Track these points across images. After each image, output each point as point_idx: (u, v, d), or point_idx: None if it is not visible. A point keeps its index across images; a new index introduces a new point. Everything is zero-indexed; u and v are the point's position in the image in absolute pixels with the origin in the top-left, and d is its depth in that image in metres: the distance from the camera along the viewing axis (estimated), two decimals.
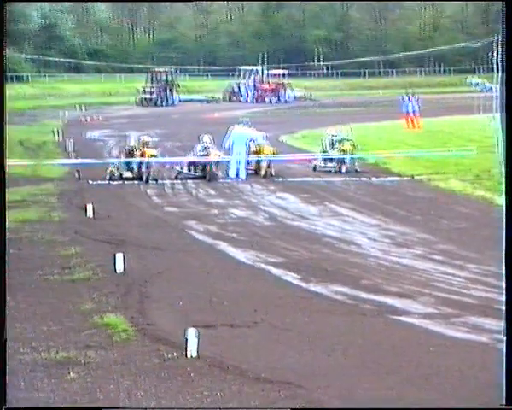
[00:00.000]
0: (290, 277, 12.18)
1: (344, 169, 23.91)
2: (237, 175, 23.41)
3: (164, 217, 17.69)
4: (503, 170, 6.46)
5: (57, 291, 11.27)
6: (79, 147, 30.20)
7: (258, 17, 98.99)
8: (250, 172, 23.84)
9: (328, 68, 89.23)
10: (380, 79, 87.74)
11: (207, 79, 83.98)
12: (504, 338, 6.72)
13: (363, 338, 9.27)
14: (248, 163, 24.00)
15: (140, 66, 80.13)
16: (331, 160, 24.42)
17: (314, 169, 24.53)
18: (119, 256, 12.33)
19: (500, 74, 6.85)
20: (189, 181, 22.83)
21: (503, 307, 6.71)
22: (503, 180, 6.50)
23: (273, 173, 23.63)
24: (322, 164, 24.68)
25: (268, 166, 23.64)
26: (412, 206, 18.75)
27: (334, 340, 9.21)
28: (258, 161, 23.91)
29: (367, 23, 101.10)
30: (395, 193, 20.87)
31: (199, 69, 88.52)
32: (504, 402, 6.72)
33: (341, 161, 24.11)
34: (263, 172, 23.46)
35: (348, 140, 24.72)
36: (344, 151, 24.24)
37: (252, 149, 24.15)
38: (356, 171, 23.77)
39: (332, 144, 24.74)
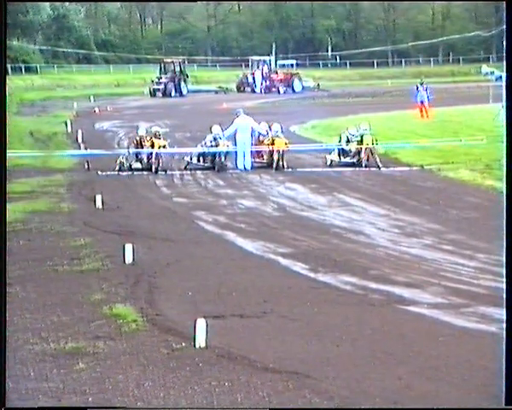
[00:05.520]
0: (299, 267, 12.18)
1: (364, 164, 22.80)
2: (244, 166, 23.25)
3: (173, 208, 17.70)
4: (504, 160, 6.43)
5: (67, 282, 11.30)
6: (89, 138, 30.27)
7: (268, 7, 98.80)
8: (261, 165, 23.31)
9: (336, 58, 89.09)
10: (390, 68, 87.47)
11: (216, 69, 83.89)
12: (504, 339, 6.70)
13: (371, 328, 9.27)
14: (256, 154, 23.75)
15: (149, 56, 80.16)
16: (348, 154, 23.29)
17: (330, 165, 23.27)
18: (129, 247, 12.35)
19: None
20: (197, 172, 22.82)
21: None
22: (504, 171, 6.45)
23: (285, 166, 22.95)
24: (338, 159, 23.33)
25: (279, 159, 22.86)
26: (421, 196, 18.70)
27: (342, 330, 9.21)
28: (271, 154, 23.23)
29: (377, 12, 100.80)
30: (404, 183, 20.81)
31: (207, 60, 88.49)
32: (504, 404, 6.70)
33: (360, 156, 22.93)
34: (275, 166, 22.80)
35: (369, 134, 23.29)
36: (366, 145, 22.99)
37: (265, 142, 23.55)
38: (379, 167, 22.67)
39: (351, 140, 23.29)
